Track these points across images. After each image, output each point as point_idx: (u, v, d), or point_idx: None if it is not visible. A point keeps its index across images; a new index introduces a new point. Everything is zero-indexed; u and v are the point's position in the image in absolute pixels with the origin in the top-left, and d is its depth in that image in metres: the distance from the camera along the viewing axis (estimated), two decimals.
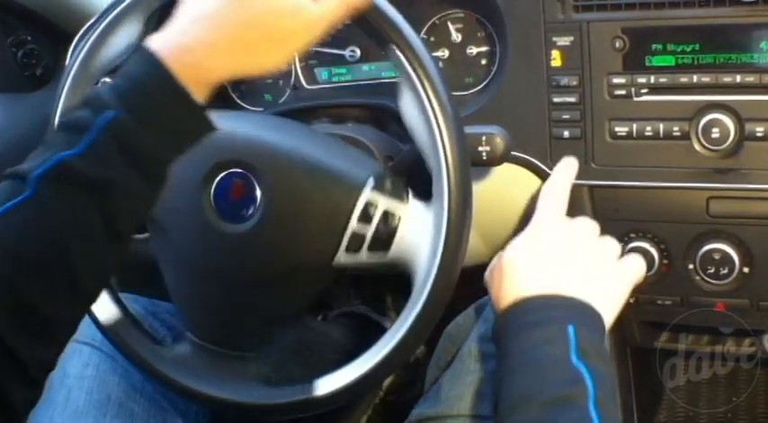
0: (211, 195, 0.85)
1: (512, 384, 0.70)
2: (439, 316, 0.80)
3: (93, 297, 0.69)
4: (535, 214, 0.87)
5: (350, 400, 0.84)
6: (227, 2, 0.69)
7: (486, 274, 0.84)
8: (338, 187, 0.83)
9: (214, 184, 0.85)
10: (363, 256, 0.82)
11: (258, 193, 0.83)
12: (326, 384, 0.83)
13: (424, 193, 0.83)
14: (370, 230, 0.81)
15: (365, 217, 0.82)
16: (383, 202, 0.82)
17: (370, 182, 0.83)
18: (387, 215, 0.82)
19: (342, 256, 0.82)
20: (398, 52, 0.78)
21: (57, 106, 0.86)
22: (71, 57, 0.88)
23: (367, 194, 0.82)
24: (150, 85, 0.65)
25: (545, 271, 0.78)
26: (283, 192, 0.83)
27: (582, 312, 0.75)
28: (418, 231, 0.80)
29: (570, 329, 0.71)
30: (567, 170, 0.94)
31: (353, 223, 0.82)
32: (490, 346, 0.88)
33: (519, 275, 0.79)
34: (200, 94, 0.67)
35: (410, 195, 0.84)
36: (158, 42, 0.67)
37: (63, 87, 0.85)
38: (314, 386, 0.83)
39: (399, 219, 0.82)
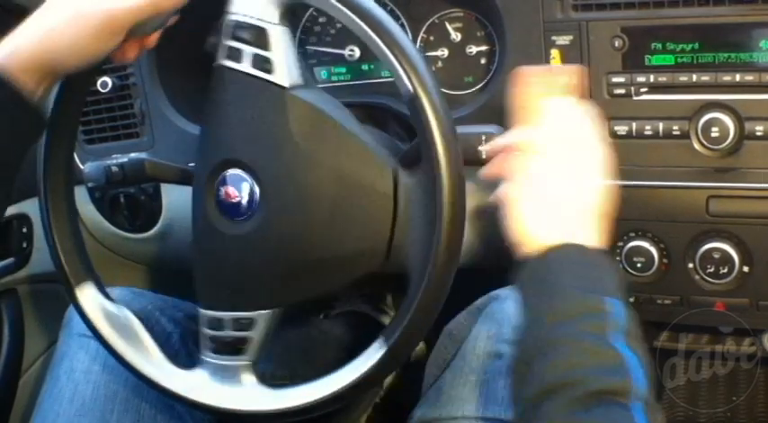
0: (215, 199, 0.84)
1: (543, 363, 0.61)
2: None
3: None
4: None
5: (352, 398, 0.84)
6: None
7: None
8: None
9: (215, 187, 0.84)
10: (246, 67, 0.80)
11: (249, 178, 0.82)
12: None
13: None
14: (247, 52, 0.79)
15: (234, 55, 0.80)
16: (248, 50, 0.80)
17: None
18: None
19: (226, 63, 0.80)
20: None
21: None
22: None
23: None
24: None
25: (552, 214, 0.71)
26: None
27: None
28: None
29: (612, 303, 0.64)
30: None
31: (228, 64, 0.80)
32: (496, 345, 0.88)
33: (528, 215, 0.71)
34: (40, 87, 0.75)
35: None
36: None
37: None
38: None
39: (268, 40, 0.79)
